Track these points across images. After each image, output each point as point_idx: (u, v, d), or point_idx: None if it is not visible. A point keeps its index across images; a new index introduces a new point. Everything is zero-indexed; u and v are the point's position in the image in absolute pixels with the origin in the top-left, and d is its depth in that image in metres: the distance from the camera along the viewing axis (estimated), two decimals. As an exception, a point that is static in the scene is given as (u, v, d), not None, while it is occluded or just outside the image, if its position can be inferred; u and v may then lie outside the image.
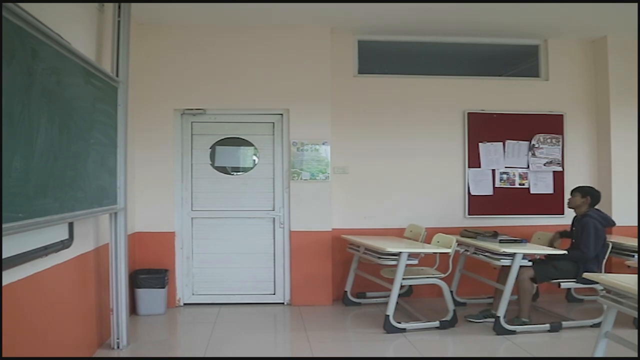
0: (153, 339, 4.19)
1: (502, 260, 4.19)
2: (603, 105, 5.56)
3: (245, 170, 5.29)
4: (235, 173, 5.30)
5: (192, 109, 5.09)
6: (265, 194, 5.23)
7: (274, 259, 5.20)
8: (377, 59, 5.70)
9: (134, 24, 4.27)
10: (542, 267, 4.31)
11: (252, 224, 5.21)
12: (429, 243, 4.66)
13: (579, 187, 4.63)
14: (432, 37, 5.49)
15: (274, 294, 5.21)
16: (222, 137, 5.22)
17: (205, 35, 5.07)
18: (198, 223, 5.18)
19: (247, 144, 5.25)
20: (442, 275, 4.42)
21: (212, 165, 5.22)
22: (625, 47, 5.41)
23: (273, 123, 5.24)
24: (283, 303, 5.15)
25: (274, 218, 5.19)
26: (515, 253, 4.16)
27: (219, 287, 5.18)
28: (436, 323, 4.30)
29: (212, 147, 5.22)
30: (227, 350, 3.82)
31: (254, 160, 5.28)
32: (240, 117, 5.21)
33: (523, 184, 5.56)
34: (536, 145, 5.56)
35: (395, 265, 4.24)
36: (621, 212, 5.22)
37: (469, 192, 5.50)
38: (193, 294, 5.14)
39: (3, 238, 2.09)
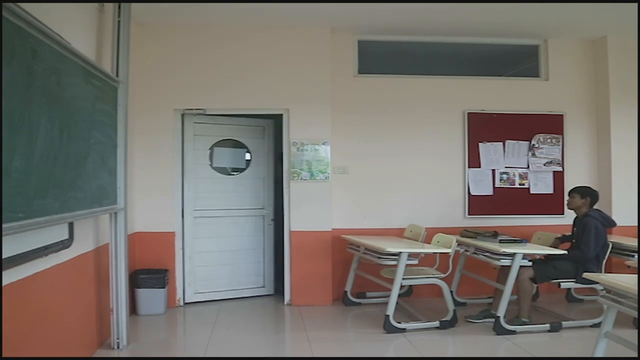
0: (153, 339, 4.19)
1: (502, 260, 4.19)
2: (603, 105, 5.56)
3: (241, 170, 5.39)
4: (235, 173, 5.31)
5: (192, 109, 5.09)
6: (259, 193, 5.42)
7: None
8: (377, 59, 5.70)
9: (134, 24, 4.27)
10: (542, 267, 4.31)
11: (251, 222, 5.27)
12: (429, 243, 4.66)
13: (577, 188, 4.62)
14: (432, 37, 5.49)
15: (263, 286, 5.42)
16: (222, 138, 5.24)
17: (206, 35, 5.06)
18: (198, 222, 5.18)
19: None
20: (442, 275, 4.42)
21: (211, 165, 5.23)
22: (625, 47, 5.41)
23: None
24: (270, 294, 5.26)
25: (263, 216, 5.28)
26: (515, 253, 4.16)
27: (219, 285, 5.24)
28: (436, 323, 4.30)
29: (211, 148, 5.24)
30: (227, 350, 3.82)
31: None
32: (240, 117, 5.22)
33: (523, 184, 5.56)
34: (536, 145, 5.56)
35: (395, 265, 4.24)
36: (621, 212, 5.21)
37: (469, 192, 5.50)
38: (195, 293, 5.16)
39: (3, 238, 2.09)
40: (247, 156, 5.40)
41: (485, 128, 5.51)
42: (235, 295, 5.26)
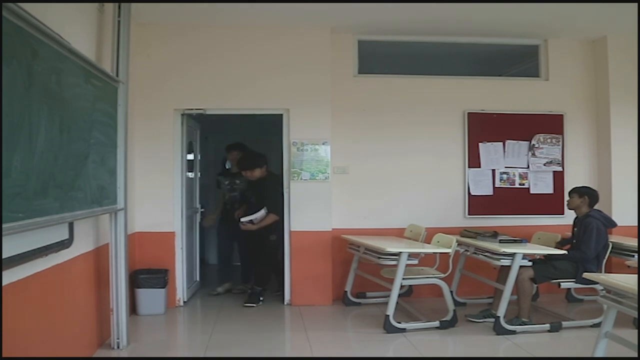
0: (153, 339, 4.19)
1: (502, 260, 4.19)
2: (603, 105, 5.56)
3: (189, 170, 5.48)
4: (190, 173, 5.35)
5: (192, 109, 5.09)
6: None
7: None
8: (377, 59, 5.70)
9: (134, 24, 4.26)
10: (542, 267, 4.31)
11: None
12: (429, 243, 4.66)
13: (575, 188, 4.62)
14: (432, 37, 5.48)
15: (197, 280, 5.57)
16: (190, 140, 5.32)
17: (205, 35, 5.06)
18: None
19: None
20: (442, 275, 4.42)
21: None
22: (625, 47, 5.40)
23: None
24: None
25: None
26: (515, 253, 4.16)
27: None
28: (436, 323, 4.30)
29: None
30: (227, 350, 3.82)
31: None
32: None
33: (523, 184, 5.56)
34: (536, 145, 5.56)
35: (395, 265, 4.24)
36: (621, 212, 5.20)
37: (469, 192, 5.49)
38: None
39: (3, 238, 2.09)
40: (190, 157, 5.56)
41: (485, 128, 5.51)
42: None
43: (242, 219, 5.05)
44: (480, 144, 5.51)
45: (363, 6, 4.59)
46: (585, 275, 3.50)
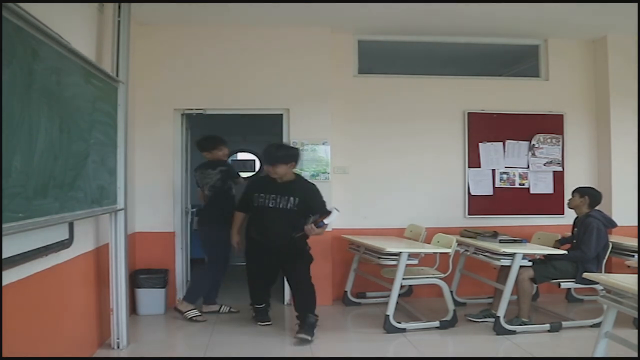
0: (153, 339, 4.19)
1: (502, 260, 4.19)
2: (603, 105, 5.56)
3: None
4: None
5: (192, 109, 5.09)
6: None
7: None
8: (377, 59, 5.70)
9: (134, 24, 4.26)
10: (542, 267, 4.31)
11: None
12: (429, 243, 4.66)
13: (578, 187, 4.63)
14: (432, 37, 5.48)
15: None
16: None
17: (205, 35, 5.07)
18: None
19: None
20: (442, 275, 4.42)
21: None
22: (625, 47, 5.40)
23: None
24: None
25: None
26: (515, 253, 4.16)
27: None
28: (436, 323, 4.30)
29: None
30: (227, 350, 3.82)
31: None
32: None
33: (523, 184, 5.56)
34: (536, 145, 5.56)
35: (395, 265, 4.24)
36: (621, 212, 5.20)
37: (469, 192, 5.49)
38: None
39: (3, 238, 2.09)
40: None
41: (485, 128, 5.51)
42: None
43: (325, 221, 4.03)
44: (480, 144, 5.51)
45: (363, 6, 4.59)
46: (585, 275, 3.50)
